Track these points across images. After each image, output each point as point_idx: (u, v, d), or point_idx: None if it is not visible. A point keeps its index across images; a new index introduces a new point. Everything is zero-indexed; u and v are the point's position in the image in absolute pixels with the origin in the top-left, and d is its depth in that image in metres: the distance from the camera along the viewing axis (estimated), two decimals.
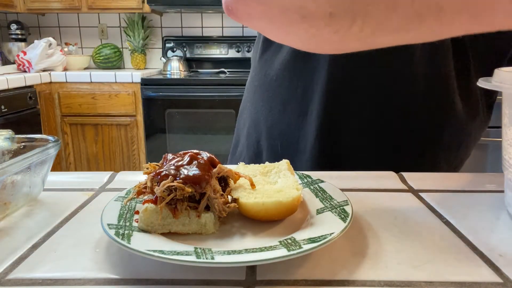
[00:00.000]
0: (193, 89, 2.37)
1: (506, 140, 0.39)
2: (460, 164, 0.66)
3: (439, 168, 0.61)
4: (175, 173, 0.35)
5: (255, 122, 0.67)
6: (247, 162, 0.69)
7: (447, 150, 0.62)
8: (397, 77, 0.58)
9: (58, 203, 0.44)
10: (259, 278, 0.30)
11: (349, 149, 0.60)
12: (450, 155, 0.63)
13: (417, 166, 0.57)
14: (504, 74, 0.37)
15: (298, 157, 0.62)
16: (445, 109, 0.59)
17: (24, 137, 0.46)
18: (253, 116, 0.68)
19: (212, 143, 2.42)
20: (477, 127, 0.63)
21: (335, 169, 0.54)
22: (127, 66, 3.00)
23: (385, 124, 0.59)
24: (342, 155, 0.61)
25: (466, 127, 0.62)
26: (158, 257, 0.28)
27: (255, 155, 0.68)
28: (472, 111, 0.61)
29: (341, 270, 0.30)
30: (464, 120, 0.61)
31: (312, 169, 0.60)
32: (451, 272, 0.30)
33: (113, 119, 2.47)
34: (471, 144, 0.65)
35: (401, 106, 0.58)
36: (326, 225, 0.33)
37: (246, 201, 0.35)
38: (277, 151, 0.64)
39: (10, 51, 2.70)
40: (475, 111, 0.62)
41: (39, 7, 2.65)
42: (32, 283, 0.29)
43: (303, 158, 0.62)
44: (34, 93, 2.27)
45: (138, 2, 2.60)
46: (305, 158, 0.61)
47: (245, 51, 2.86)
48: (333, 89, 0.58)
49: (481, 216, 0.40)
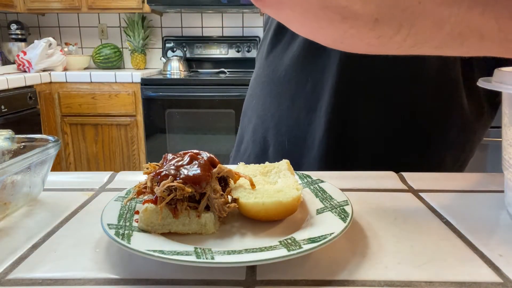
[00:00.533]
0: (193, 89, 2.37)
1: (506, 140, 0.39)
2: (464, 163, 0.66)
3: (445, 167, 0.62)
4: (175, 173, 0.35)
5: (262, 119, 0.67)
6: (253, 158, 0.69)
7: (453, 149, 0.62)
8: (407, 78, 0.58)
9: (58, 203, 0.44)
10: (259, 278, 0.30)
11: (356, 146, 0.61)
12: (456, 154, 0.63)
13: (423, 165, 0.57)
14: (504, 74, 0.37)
15: (305, 153, 0.62)
16: (452, 109, 0.59)
17: (24, 137, 0.46)
18: (259, 113, 0.68)
19: (212, 143, 2.42)
20: (481, 126, 0.63)
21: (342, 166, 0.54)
22: (127, 66, 3.00)
23: (393, 123, 0.59)
24: (350, 152, 0.61)
25: (472, 127, 0.62)
26: (158, 257, 0.28)
27: (262, 152, 0.68)
28: (478, 111, 0.61)
29: (341, 270, 0.30)
30: (470, 120, 0.61)
31: (319, 165, 0.61)
32: (451, 272, 0.30)
33: (113, 119, 2.47)
34: (475, 143, 0.65)
35: (409, 106, 0.59)
36: (326, 225, 0.33)
37: (246, 201, 0.35)
38: (284, 147, 0.65)
39: (10, 51, 2.70)
40: (481, 111, 0.62)
41: (39, 7, 2.65)
42: (32, 283, 0.29)
43: (310, 154, 0.62)
44: (34, 93, 2.27)
45: (138, 2, 2.60)
46: (312, 154, 0.62)
47: (245, 51, 2.86)
48: (343, 86, 0.58)
49: (481, 216, 0.40)
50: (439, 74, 0.57)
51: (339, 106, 0.59)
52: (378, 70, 0.58)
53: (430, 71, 0.57)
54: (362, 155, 0.61)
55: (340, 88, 0.58)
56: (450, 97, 0.59)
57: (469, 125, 0.61)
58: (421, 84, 0.58)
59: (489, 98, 0.63)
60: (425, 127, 0.60)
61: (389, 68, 0.57)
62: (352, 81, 0.58)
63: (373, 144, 0.60)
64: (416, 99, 0.59)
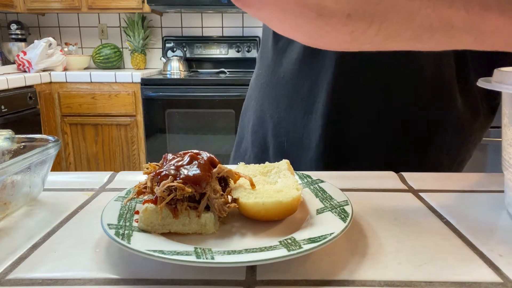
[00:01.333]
0: (193, 89, 2.37)
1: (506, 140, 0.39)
2: (461, 164, 0.66)
3: (441, 169, 0.62)
4: (175, 173, 0.35)
5: (261, 120, 0.68)
6: (253, 158, 0.69)
7: (449, 151, 0.62)
8: (402, 78, 0.58)
9: (58, 203, 0.44)
10: (259, 278, 0.30)
11: (353, 147, 0.61)
12: (452, 155, 0.63)
13: (419, 166, 0.57)
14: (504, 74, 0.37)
15: (303, 155, 0.63)
16: (447, 110, 0.59)
17: (24, 137, 0.46)
18: (258, 114, 0.68)
19: (212, 143, 2.42)
20: (478, 128, 0.63)
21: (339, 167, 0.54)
22: (127, 66, 3.00)
23: (389, 124, 0.59)
24: (347, 154, 0.61)
25: (467, 128, 0.62)
26: (158, 257, 0.28)
27: (262, 152, 0.68)
28: (473, 112, 0.61)
29: (341, 270, 0.30)
30: (465, 121, 0.61)
31: (317, 166, 0.61)
32: (451, 272, 0.30)
33: (113, 119, 2.47)
34: (472, 145, 0.65)
35: (405, 107, 0.59)
36: (326, 225, 0.33)
37: (246, 201, 0.35)
38: (283, 148, 0.65)
39: (10, 51, 2.70)
40: (476, 112, 0.62)
41: (39, 7, 2.65)
42: (32, 283, 0.29)
43: (308, 155, 0.62)
44: (34, 93, 2.27)
45: (138, 2, 2.60)
46: (310, 155, 0.62)
47: (245, 51, 2.86)
48: (339, 88, 0.58)
49: (481, 216, 0.40)
50: (433, 77, 0.58)
51: (335, 108, 0.59)
52: (373, 73, 0.58)
53: (425, 74, 0.58)
54: (358, 157, 0.61)
55: (336, 90, 0.58)
56: (444, 99, 0.59)
57: (464, 127, 0.62)
58: (416, 86, 0.58)
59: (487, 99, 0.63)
60: (420, 129, 0.60)
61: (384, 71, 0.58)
62: (348, 83, 0.58)
63: (369, 146, 0.60)
64: (411, 101, 0.59)
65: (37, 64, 2.40)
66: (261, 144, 0.68)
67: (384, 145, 0.60)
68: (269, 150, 0.67)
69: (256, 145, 0.69)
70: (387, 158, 0.61)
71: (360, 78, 0.58)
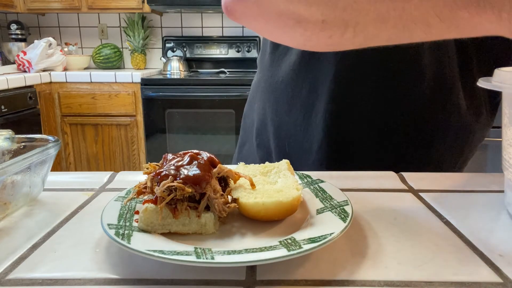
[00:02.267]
0: (193, 89, 2.37)
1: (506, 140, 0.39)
2: (463, 164, 0.66)
3: (443, 168, 0.61)
4: (175, 173, 0.35)
5: (263, 123, 0.68)
6: (259, 160, 0.69)
7: (451, 150, 0.62)
8: (404, 79, 0.58)
9: (58, 203, 0.44)
10: (259, 278, 0.30)
11: (354, 149, 0.61)
12: (455, 154, 0.63)
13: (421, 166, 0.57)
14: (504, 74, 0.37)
15: (305, 158, 0.63)
16: (450, 109, 0.59)
17: (24, 137, 0.46)
18: (261, 117, 0.69)
19: (212, 143, 2.42)
20: (480, 127, 0.63)
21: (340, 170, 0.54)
22: (127, 66, 3.00)
23: (390, 125, 0.59)
24: (348, 156, 0.61)
25: (470, 127, 0.62)
26: (158, 257, 0.28)
27: (267, 154, 0.68)
28: (476, 111, 0.61)
29: (341, 270, 0.30)
30: (468, 120, 0.61)
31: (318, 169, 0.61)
32: (451, 272, 0.30)
33: (113, 119, 2.47)
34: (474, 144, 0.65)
35: (407, 107, 0.59)
36: (326, 225, 0.33)
37: (246, 201, 0.35)
38: (285, 151, 0.65)
39: (10, 51, 2.70)
40: (479, 111, 0.62)
41: (39, 7, 2.65)
42: (32, 283, 0.29)
43: (310, 158, 0.62)
44: (34, 93, 2.27)
45: (138, 2, 2.60)
46: (312, 159, 0.62)
47: (245, 51, 2.86)
48: (339, 90, 0.58)
49: (481, 216, 0.40)
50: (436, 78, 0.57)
51: (335, 110, 0.59)
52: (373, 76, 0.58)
53: (427, 75, 0.57)
54: (360, 158, 0.61)
55: (336, 93, 0.58)
56: (447, 100, 0.59)
57: (467, 126, 0.61)
58: (417, 87, 0.58)
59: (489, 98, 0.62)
60: (423, 130, 0.60)
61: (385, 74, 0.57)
62: (347, 85, 0.58)
63: (370, 147, 0.60)
64: (414, 100, 0.59)
65: (37, 64, 2.40)
66: (266, 147, 0.68)
67: (387, 147, 0.60)
68: (273, 153, 0.67)
69: (261, 148, 0.69)
70: (387, 159, 0.60)
71: (360, 80, 0.58)
